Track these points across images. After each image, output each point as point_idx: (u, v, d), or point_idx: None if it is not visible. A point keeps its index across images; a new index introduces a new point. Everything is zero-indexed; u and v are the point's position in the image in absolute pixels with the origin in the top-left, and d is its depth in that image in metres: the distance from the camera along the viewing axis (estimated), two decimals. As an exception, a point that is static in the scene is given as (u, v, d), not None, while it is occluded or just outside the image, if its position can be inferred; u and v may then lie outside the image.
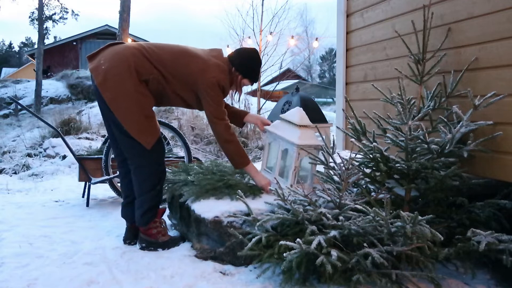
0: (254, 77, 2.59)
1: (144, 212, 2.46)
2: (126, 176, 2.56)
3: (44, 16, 16.88)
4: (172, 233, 2.75)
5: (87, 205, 3.63)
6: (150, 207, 2.46)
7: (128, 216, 2.58)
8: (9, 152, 7.31)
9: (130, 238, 2.58)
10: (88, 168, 3.68)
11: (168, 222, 2.93)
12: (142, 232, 2.50)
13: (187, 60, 2.42)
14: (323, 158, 2.41)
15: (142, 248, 2.48)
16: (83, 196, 3.91)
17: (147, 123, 2.35)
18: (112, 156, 3.55)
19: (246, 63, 2.52)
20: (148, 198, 2.45)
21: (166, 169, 2.58)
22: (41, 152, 7.11)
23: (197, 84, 2.41)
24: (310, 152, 2.48)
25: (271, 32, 8.45)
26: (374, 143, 2.24)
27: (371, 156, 2.28)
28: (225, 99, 2.57)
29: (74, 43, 21.72)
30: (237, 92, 2.63)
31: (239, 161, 2.53)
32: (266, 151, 2.71)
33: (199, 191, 2.47)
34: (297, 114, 2.57)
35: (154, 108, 2.48)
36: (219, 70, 2.43)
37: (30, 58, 26.06)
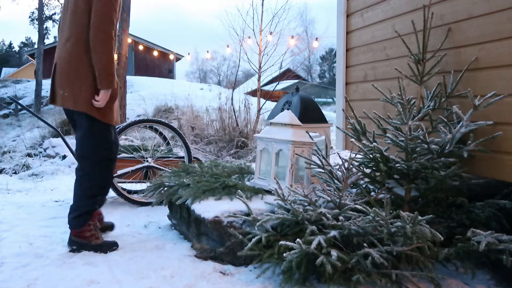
0: None
1: (80, 215, 2.43)
2: None
3: (44, 16, 16.85)
4: (172, 233, 2.75)
5: (87, 205, 3.62)
6: (87, 211, 2.45)
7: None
8: (9, 152, 7.31)
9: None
10: (88, 168, 3.66)
11: (168, 222, 2.94)
12: (74, 234, 2.44)
13: None
14: (319, 162, 2.41)
15: (72, 251, 2.42)
16: (83, 196, 3.90)
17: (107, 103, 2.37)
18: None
19: None
20: (87, 204, 2.44)
21: (167, 173, 2.57)
22: (41, 152, 7.11)
23: None
24: (304, 149, 2.49)
25: (271, 32, 8.43)
26: (374, 143, 2.24)
27: (371, 156, 2.28)
28: None
29: (74, 43, 21.66)
30: None
31: (108, 79, 2.31)
32: (259, 160, 2.68)
33: (196, 192, 2.47)
34: (287, 115, 2.60)
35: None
36: None
37: (30, 58, 26.05)
